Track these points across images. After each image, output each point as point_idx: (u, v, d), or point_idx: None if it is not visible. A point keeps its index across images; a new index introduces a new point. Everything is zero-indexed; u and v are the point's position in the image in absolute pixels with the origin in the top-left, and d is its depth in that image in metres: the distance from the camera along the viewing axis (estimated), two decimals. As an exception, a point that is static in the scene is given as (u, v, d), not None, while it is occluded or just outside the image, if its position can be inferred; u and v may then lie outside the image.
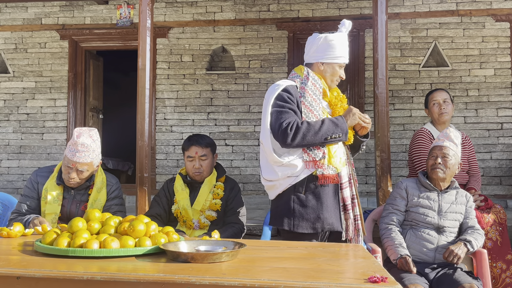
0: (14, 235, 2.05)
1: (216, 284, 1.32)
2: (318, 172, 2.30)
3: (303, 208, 2.31)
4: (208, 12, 6.00)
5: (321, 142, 2.29)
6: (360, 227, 2.39)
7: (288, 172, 2.31)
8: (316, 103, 2.37)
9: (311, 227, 2.30)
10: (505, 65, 5.57)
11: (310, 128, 2.28)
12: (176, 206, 2.80)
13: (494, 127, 5.57)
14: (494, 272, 3.05)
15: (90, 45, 6.32)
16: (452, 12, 5.64)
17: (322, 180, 2.31)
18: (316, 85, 2.41)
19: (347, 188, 2.38)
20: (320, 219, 2.30)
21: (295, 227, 2.31)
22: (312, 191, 2.32)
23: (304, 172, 2.31)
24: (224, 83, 5.95)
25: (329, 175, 2.31)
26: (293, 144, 2.28)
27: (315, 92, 2.39)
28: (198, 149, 2.79)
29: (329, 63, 2.45)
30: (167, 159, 5.99)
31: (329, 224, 2.31)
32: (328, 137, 2.28)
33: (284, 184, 2.34)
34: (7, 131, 6.22)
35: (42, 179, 2.72)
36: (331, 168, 2.32)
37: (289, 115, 2.31)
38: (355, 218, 2.38)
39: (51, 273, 1.40)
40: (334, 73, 2.47)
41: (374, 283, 1.31)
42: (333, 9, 5.79)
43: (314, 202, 2.31)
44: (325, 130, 2.28)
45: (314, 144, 2.29)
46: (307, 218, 2.30)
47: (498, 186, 5.52)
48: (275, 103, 2.36)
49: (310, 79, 2.42)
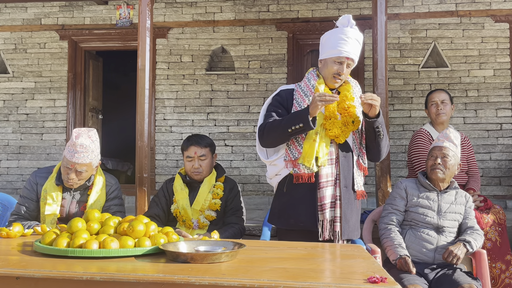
0: (14, 236, 2.04)
1: (216, 285, 1.32)
2: (293, 171, 2.34)
3: (282, 205, 2.42)
4: (208, 12, 6.00)
5: (287, 135, 2.28)
6: (337, 229, 2.31)
7: (275, 171, 2.44)
8: (304, 103, 2.36)
9: (286, 223, 2.38)
10: (505, 65, 5.58)
11: (274, 124, 2.32)
12: (175, 205, 2.79)
13: (493, 127, 5.57)
14: (494, 272, 3.06)
15: (89, 45, 6.32)
16: (452, 12, 5.65)
17: (295, 178, 2.33)
18: (309, 85, 2.40)
19: (327, 188, 2.31)
20: (293, 216, 2.34)
21: (275, 223, 2.47)
22: (291, 190, 2.37)
23: (284, 171, 2.39)
24: (224, 83, 5.95)
25: (303, 174, 2.30)
26: (264, 143, 2.40)
27: (306, 92, 2.39)
28: (197, 149, 2.79)
29: (325, 59, 2.41)
30: (167, 160, 5.98)
31: (302, 222, 2.32)
32: (289, 129, 2.24)
33: (274, 182, 2.50)
34: (7, 131, 6.21)
35: (41, 180, 2.72)
36: (305, 167, 2.30)
37: (270, 118, 2.39)
38: (334, 219, 2.31)
39: (50, 274, 1.40)
40: (328, 69, 2.37)
41: (374, 283, 1.31)
42: (333, 9, 5.80)
43: (291, 200, 2.36)
44: (285, 123, 2.27)
45: (282, 139, 2.32)
46: (283, 215, 2.40)
47: (498, 187, 5.52)
48: (268, 107, 2.47)
49: (304, 79, 2.44)
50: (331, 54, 2.34)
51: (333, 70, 2.36)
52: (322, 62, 2.43)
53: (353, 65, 2.41)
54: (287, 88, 2.48)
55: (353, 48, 2.34)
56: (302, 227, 2.33)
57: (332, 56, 2.34)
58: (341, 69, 2.35)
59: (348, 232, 2.36)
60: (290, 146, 2.37)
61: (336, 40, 2.33)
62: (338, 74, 2.36)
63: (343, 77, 2.39)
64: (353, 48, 2.34)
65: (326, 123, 2.32)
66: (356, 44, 2.35)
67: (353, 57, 2.36)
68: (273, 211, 2.50)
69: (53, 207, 2.64)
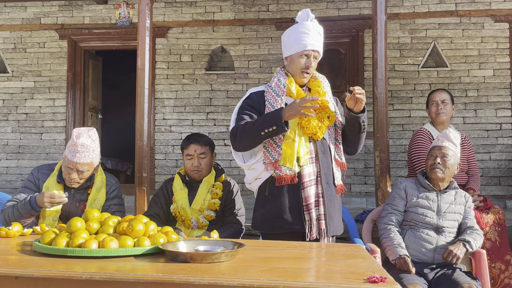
0: (13, 235, 2.04)
1: (215, 284, 1.32)
2: (275, 174, 2.29)
3: (264, 209, 2.35)
4: (208, 12, 6.00)
5: (259, 138, 2.25)
6: (323, 227, 2.28)
7: (254, 175, 2.39)
8: (277, 103, 2.32)
9: (271, 227, 2.32)
10: (504, 65, 5.58)
11: (246, 127, 2.27)
12: (174, 205, 2.79)
13: (493, 127, 5.57)
14: (493, 272, 3.06)
15: (89, 45, 6.31)
16: (451, 12, 5.65)
17: (278, 181, 2.28)
18: (279, 85, 2.37)
19: (310, 187, 2.29)
20: (278, 219, 2.28)
21: (258, 228, 2.40)
22: (273, 192, 2.31)
23: (265, 174, 2.33)
24: (223, 83, 5.95)
25: (285, 176, 2.27)
26: (237, 147, 2.35)
27: (278, 92, 2.35)
28: (197, 147, 2.79)
29: (290, 55, 2.38)
30: (166, 159, 5.98)
31: (288, 224, 2.27)
32: (262, 132, 2.21)
33: (254, 187, 2.44)
34: (6, 131, 6.21)
35: (43, 176, 2.72)
36: (288, 168, 2.27)
37: (241, 121, 2.35)
38: (318, 217, 2.29)
39: (49, 273, 1.39)
40: (296, 64, 2.35)
41: (374, 283, 1.30)
42: (332, 9, 5.80)
43: (274, 203, 2.30)
44: (257, 126, 2.23)
45: (255, 142, 2.28)
46: (267, 219, 2.33)
47: (497, 187, 5.52)
48: (238, 111, 2.44)
49: (275, 79, 2.40)
50: (296, 49, 2.34)
51: (300, 65, 2.35)
52: (288, 59, 2.41)
53: (319, 58, 2.41)
54: (257, 90, 2.45)
55: (316, 41, 2.35)
56: (287, 229, 2.29)
57: (298, 51, 2.34)
58: (308, 62, 2.35)
59: (333, 229, 2.34)
60: (268, 148, 2.33)
61: (298, 34, 2.34)
62: (306, 67, 2.36)
63: (311, 70, 2.38)
64: (316, 40, 2.35)
65: (302, 121, 2.30)
66: (318, 37, 2.37)
67: (318, 49, 2.37)
68: (256, 216, 2.41)
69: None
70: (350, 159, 5.51)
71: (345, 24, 5.79)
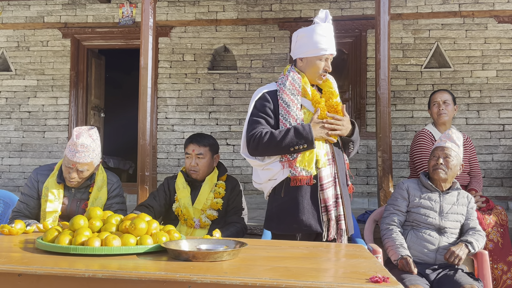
0: (16, 233, 2.04)
1: (218, 283, 1.32)
2: (291, 174, 2.27)
3: (281, 211, 2.32)
4: (210, 11, 6.00)
5: (287, 152, 2.25)
6: (343, 227, 2.30)
7: (269, 175, 2.34)
8: (293, 103, 2.31)
9: (288, 229, 2.30)
10: (507, 66, 5.57)
11: (272, 139, 2.24)
12: (177, 204, 2.79)
13: (495, 128, 5.56)
14: (495, 273, 3.05)
15: (92, 43, 6.32)
16: (455, 13, 5.64)
17: (294, 181, 2.26)
18: (295, 85, 2.34)
19: (329, 189, 2.29)
20: (297, 221, 2.26)
21: (275, 229, 2.36)
22: (290, 194, 2.29)
23: (281, 175, 2.30)
24: (226, 82, 5.95)
25: (302, 177, 2.25)
26: (256, 154, 2.32)
27: (293, 92, 2.33)
28: (195, 147, 2.79)
29: (307, 57, 2.36)
30: (168, 158, 5.99)
31: (306, 225, 2.26)
32: (291, 148, 2.23)
33: (267, 187, 2.39)
34: (9, 129, 6.22)
35: (43, 178, 2.72)
36: (304, 169, 2.26)
37: (258, 125, 2.31)
38: (338, 218, 2.30)
39: (52, 271, 1.40)
40: (315, 67, 2.35)
41: (376, 283, 1.30)
42: (336, 9, 5.79)
43: (291, 204, 2.28)
44: (288, 141, 2.23)
45: (280, 154, 2.28)
46: (284, 220, 2.30)
47: (500, 188, 5.51)
48: (253, 111, 2.38)
49: (289, 79, 2.36)
50: (315, 53, 2.34)
51: (319, 69, 2.35)
52: (304, 61, 2.38)
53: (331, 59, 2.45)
54: (269, 90, 2.40)
55: (332, 44, 2.37)
56: (305, 230, 2.29)
57: (316, 55, 2.34)
58: (327, 66, 2.37)
59: (350, 228, 2.38)
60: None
61: (317, 37, 2.33)
62: (325, 71, 2.37)
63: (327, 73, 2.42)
64: (332, 43, 2.37)
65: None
66: (333, 39, 2.39)
67: (334, 52, 2.39)
68: (271, 217, 2.37)
69: (54, 204, 2.64)
70: (352, 159, 5.51)
71: (348, 24, 5.78)
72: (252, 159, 2.37)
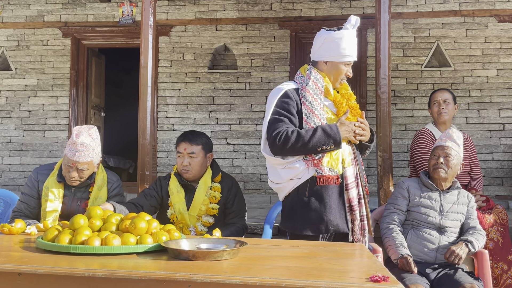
0: (16, 232, 2.05)
1: (218, 282, 1.32)
2: (317, 173, 2.25)
3: (306, 211, 2.27)
4: (211, 10, 6.00)
5: (314, 152, 2.24)
6: (366, 227, 2.32)
7: (291, 174, 2.29)
8: (317, 102, 2.31)
9: (315, 229, 2.26)
10: (508, 65, 5.56)
11: (299, 139, 2.22)
12: (171, 210, 2.67)
13: (496, 128, 5.56)
14: (495, 272, 3.05)
15: (92, 42, 6.32)
16: (455, 12, 5.63)
17: (320, 181, 2.24)
18: (318, 84, 2.35)
19: (354, 189, 2.30)
20: (324, 221, 2.24)
21: (299, 230, 2.29)
22: (315, 193, 2.26)
23: (306, 174, 2.27)
24: (226, 81, 5.95)
25: (328, 176, 2.24)
26: (281, 154, 2.28)
27: (316, 92, 2.33)
28: (187, 145, 2.66)
29: (333, 61, 2.37)
30: (168, 157, 5.99)
31: (333, 226, 2.25)
32: (319, 148, 2.22)
33: (288, 187, 2.32)
34: (9, 128, 6.23)
35: (43, 177, 2.71)
36: (330, 169, 2.25)
37: (282, 123, 2.28)
38: (361, 218, 2.32)
39: (52, 270, 1.40)
40: (338, 72, 2.37)
41: (376, 282, 1.30)
42: (336, 8, 5.79)
43: (317, 204, 2.25)
44: (316, 141, 2.22)
45: (306, 153, 2.26)
46: (310, 221, 2.26)
47: (500, 187, 5.51)
48: (274, 110, 2.34)
49: (312, 78, 2.35)
50: (342, 59, 2.36)
51: (342, 73, 2.40)
52: (329, 65, 2.38)
53: None
54: (290, 87, 2.38)
55: (356, 50, 2.41)
56: (333, 231, 2.28)
57: (342, 60, 2.36)
58: (349, 71, 2.41)
59: (372, 228, 2.40)
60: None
61: (345, 44, 2.35)
62: (346, 76, 2.42)
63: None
64: (356, 49, 2.42)
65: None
66: (356, 45, 2.43)
67: (356, 59, 2.44)
68: (292, 217, 2.32)
69: (54, 204, 2.64)
70: (352, 159, 5.50)
71: (348, 23, 5.77)
72: (273, 158, 2.32)
